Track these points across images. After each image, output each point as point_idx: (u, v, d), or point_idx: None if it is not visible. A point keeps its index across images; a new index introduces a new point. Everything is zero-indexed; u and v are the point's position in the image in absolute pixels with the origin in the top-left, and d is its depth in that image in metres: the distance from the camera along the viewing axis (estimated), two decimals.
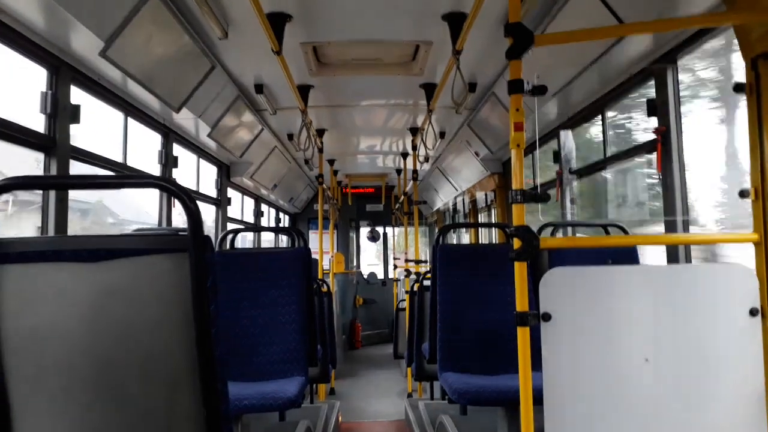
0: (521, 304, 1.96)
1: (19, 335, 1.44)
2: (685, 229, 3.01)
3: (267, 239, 8.75)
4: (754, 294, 1.95)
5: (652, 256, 3.53)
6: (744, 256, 2.13)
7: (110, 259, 1.45)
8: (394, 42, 3.93)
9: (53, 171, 2.90)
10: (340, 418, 5.50)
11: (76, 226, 3.20)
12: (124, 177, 2.80)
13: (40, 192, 2.93)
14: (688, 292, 1.98)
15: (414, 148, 6.57)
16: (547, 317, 1.91)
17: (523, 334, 1.96)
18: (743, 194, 2.08)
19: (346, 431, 5.36)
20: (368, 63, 4.34)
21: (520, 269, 1.99)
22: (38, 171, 2.93)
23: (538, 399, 1.92)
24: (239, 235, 3.86)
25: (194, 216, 1.42)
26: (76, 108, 3.06)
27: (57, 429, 1.44)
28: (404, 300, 6.70)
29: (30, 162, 2.92)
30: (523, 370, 1.95)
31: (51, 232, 2.87)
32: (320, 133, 6.35)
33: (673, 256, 3.08)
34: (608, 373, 1.93)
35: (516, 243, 1.96)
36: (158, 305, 1.44)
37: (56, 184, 2.69)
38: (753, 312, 1.94)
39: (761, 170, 2.00)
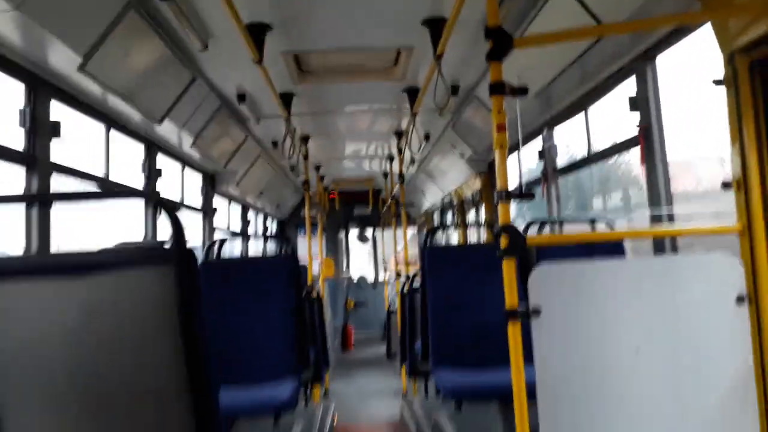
0: (510, 300, 1.97)
1: (2, 353, 1.41)
2: (670, 221, 3.04)
3: (257, 245, 8.69)
4: (741, 282, 1.97)
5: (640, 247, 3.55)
6: None
7: (94, 273, 1.44)
8: (375, 48, 3.94)
9: (34, 186, 2.86)
10: (335, 420, 5.46)
11: None
12: (107, 191, 2.77)
13: None
14: (675, 282, 2.00)
15: (399, 151, 6.58)
16: (536, 312, 1.92)
17: (513, 330, 1.96)
18: (726, 186, 2.10)
19: None
20: (350, 70, 4.34)
21: (507, 266, 2.00)
22: None
23: (531, 392, 1.92)
24: (227, 243, 3.84)
25: (178, 228, 1.42)
26: (56, 124, 3.03)
27: None
28: (395, 302, 6.69)
29: None
30: (515, 366, 1.95)
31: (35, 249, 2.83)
32: (305, 139, 6.34)
33: (659, 249, 3.11)
34: (599, 365, 1.94)
35: (503, 241, 1.97)
36: (144, 318, 1.43)
37: (39, 200, 2.66)
38: (740, 299, 1.96)
39: (742, 162, 2.03)
